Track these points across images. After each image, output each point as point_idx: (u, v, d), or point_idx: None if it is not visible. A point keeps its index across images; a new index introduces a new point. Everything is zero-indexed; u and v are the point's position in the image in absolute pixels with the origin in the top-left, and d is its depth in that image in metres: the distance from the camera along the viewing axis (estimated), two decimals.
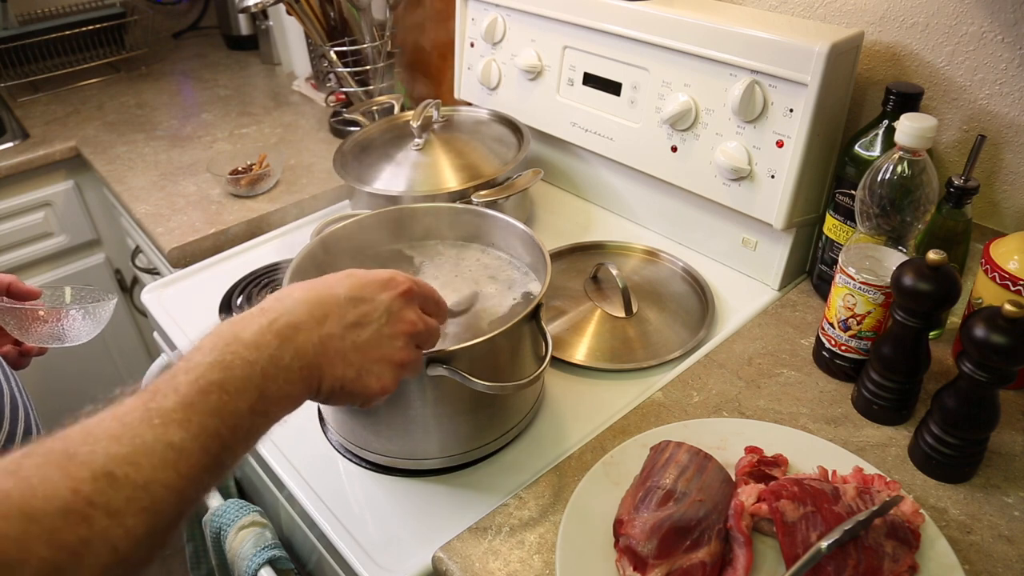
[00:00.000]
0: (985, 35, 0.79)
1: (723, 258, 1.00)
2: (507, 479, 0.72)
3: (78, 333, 0.73)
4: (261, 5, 1.34)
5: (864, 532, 0.58)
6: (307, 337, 0.48)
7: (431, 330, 0.57)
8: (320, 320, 0.49)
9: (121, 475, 0.37)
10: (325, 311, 0.50)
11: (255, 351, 0.45)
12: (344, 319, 0.51)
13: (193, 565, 0.98)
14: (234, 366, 0.44)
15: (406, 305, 0.55)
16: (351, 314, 0.51)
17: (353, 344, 0.51)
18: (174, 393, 0.41)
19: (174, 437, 0.40)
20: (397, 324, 0.54)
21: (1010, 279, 0.72)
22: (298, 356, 0.47)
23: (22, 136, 1.54)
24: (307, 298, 0.50)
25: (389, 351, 0.53)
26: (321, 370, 0.49)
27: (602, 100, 1.04)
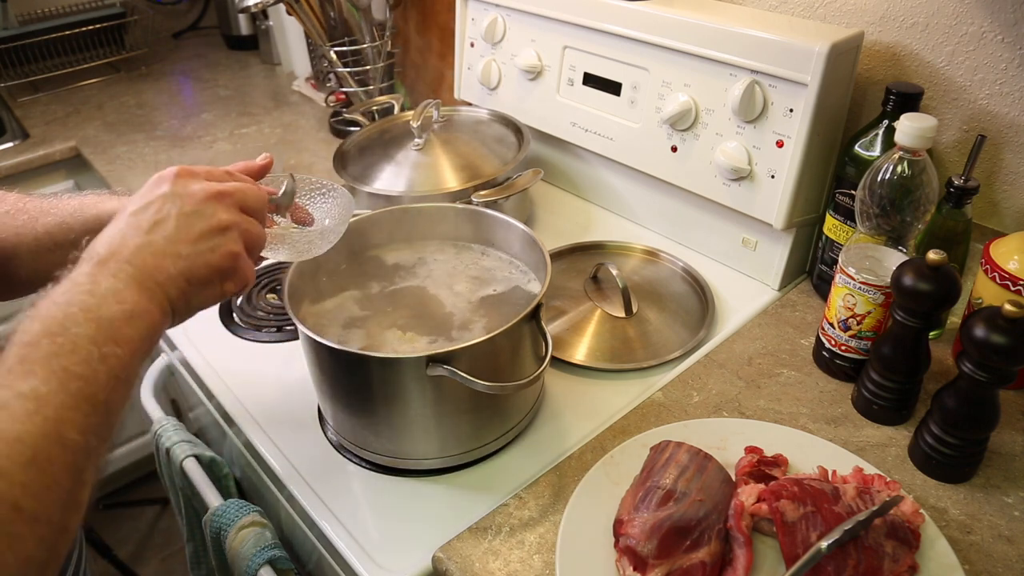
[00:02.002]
0: (985, 35, 0.79)
1: (723, 258, 1.00)
2: (507, 479, 0.72)
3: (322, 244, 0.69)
4: (261, 5, 1.34)
5: (864, 532, 0.58)
6: (117, 259, 0.47)
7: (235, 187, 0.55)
8: (120, 242, 0.49)
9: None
10: (122, 234, 0.49)
11: (66, 295, 0.44)
12: (141, 227, 0.50)
13: (193, 565, 0.98)
14: (49, 313, 0.43)
15: (188, 183, 0.53)
16: (144, 220, 0.50)
17: (165, 239, 0.50)
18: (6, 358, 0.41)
19: (24, 387, 0.39)
20: (190, 200, 0.52)
21: (1010, 279, 0.72)
22: (116, 277, 0.46)
23: (22, 136, 1.54)
24: (101, 237, 0.50)
25: (201, 223, 0.52)
26: (151, 277, 0.48)
27: (602, 100, 1.04)
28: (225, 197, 0.54)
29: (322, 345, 0.66)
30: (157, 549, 1.81)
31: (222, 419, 0.88)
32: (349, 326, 0.76)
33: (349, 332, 0.75)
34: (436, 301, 0.79)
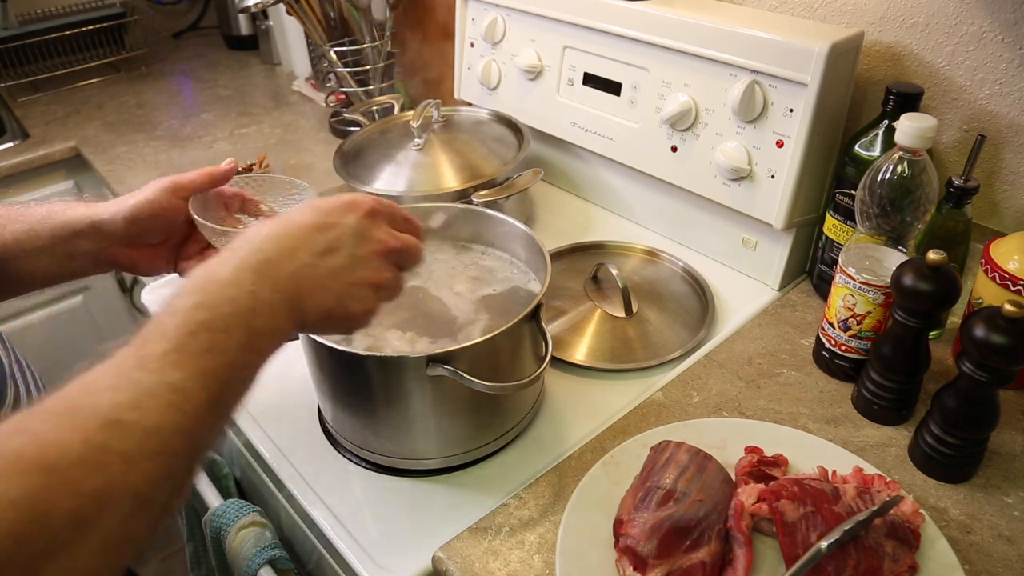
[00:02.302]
0: (985, 35, 0.79)
1: (723, 258, 1.00)
2: (507, 479, 0.72)
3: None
4: (261, 5, 1.34)
5: (864, 532, 0.58)
6: (280, 270, 0.48)
7: (407, 246, 0.56)
8: (291, 252, 0.49)
9: (129, 421, 0.38)
10: (294, 243, 0.50)
11: (234, 288, 0.45)
12: (314, 247, 0.50)
13: (193, 565, 0.98)
14: (217, 305, 0.44)
15: (373, 224, 0.54)
16: (320, 241, 0.51)
17: (328, 271, 0.50)
18: (163, 339, 0.42)
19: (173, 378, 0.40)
20: (368, 244, 0.53)
21: (1010, 279, 0.72)
22: (277, 289, 0.47)
23: (22, 136, 1.54)
24: (274, 233, 0.50)
25: (365, 273, 0.53)
26: (302, 301, 0.49)
27: (602, 100, 1.04)
28: (393, 255, 0.55)
29: (322, 345, 0.66)
30: (157, 549, 1.81)
31: None
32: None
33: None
34: (436, 301, 0.79)
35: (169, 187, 0.69)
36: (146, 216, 0.68)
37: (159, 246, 0.73)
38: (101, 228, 0.68)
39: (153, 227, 0.70)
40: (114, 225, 0.68)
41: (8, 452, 0.35)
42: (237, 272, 0.46)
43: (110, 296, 1.70)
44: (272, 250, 0.49)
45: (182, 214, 0.70)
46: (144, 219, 0.68)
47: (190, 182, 0.70)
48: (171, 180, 0.70)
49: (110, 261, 0.71)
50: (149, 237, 0.71)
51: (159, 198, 0.69)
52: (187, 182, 0.70)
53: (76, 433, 0.36)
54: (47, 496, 0.34)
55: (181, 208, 0.70)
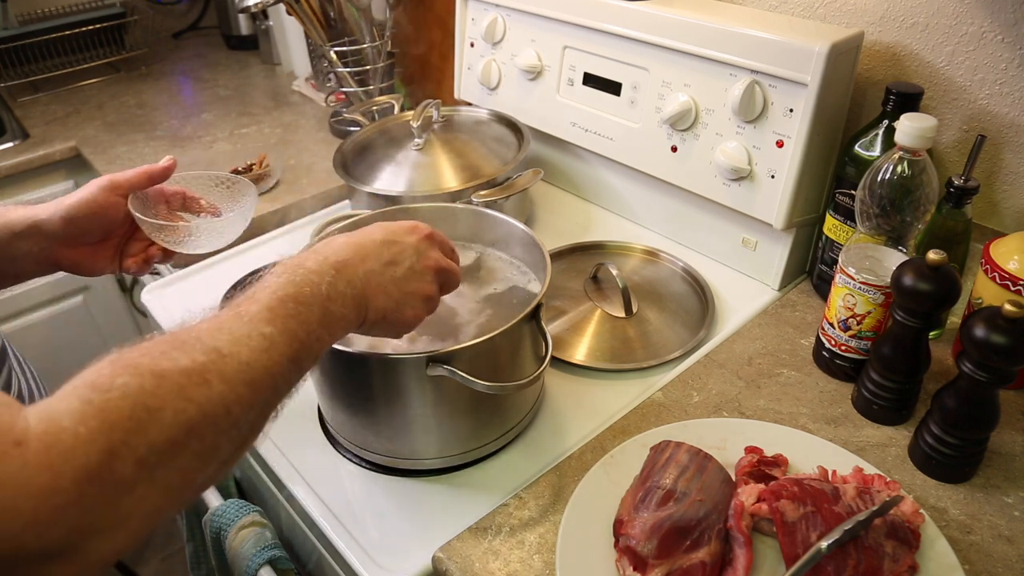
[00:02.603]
0: (985, 35, 0.79)
1: (723, 258, 1.00)
2: (507, 479, 0.72)
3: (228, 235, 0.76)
4: (261, 5, 1.34)
5: (864, 532, 0.58)
6: (354, 271, 0.56)
7: (453, 270, 0.65)
8: (363, 259, 0.57)
9: (228, 352, 0.44)
10: (366, 252, 0.58)
11: (318, 276, 0.53)
12: (381, 258, 0.59)
13: (193, 565, 0.98)
14: (303, 284, 0.51)
15: (430, 246, 0.63)
16: (387, 254, 0.59)
17: (391, 279, 0.59)
18: (256, 302, 0.49)
19: (265, 329, 0.47)
20: (425, 261, 0.61)
21: (1010, 279, 0.72)
22: (350, 285, 0.55)
23: (22, 136, 1.54)
24: (350, 242, 0.58)
25: (420, 285, 0.61)
26: (367, 300, 0.57)
27: (602, 100, 1.04)
28: (442, 274, 0.63)
29: None
30: (157, 549, 1.81)
31: None
32: None
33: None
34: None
35: (107, 185, 0.71)
36: (84, 215, 0.70)
37: (100, 245, 0.74)
38: (40, 228, 0.69)
39: (91, 225, 0.71)
40: (52, 225, 0.69)
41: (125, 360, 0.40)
42: (321, 265, 0.54)
43: (110, 296, 1.70)
44: (348, 254, 0.57)
45: (121, 212, 0.72)
46: (82, 218, 0.70)
47: (127, 180, 0.72)
48: (109, 178, 0.72)
49: (52, 261, 0.72)
50: (88, 236, 0.72)
51: (96, 196, 0.70)
52: (124, 180, 0.72)
53: (184, 354, 0.42)
54: (159, 394, 0.40)
55: (120, 205, 0.71)
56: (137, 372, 0.40)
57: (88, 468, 0.36)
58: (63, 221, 0.69)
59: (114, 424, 0.37)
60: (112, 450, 0.37)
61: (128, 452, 0.37)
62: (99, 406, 0.37)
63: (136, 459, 0.38)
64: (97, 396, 0.38)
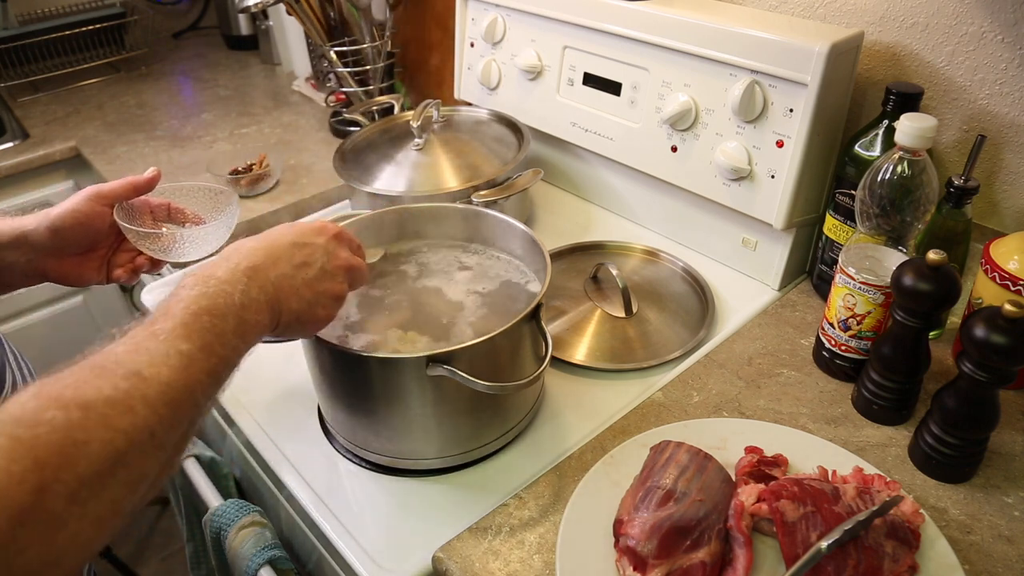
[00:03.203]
0: (985, 35, 0.79)
1: (723, 258, 1.00)
2: (507, 479, 0.72)
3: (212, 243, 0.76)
4: (261, 5, 1.34)
5: (864, 532, 0.58)
6: (266, 276, 0.56)
7: (361, 267, 0.65)
8: (274, 262, 0.58)
9: (149, 375, 0.44)
10: (276, 255, 0.58)
11: (230, 285, 0.53)
12: (293, 260, 0.59)
13: (193, 565, 0.98)
14: (216, 295, 0.52)
15: (339, 246, 0.64)
16: (297, 256, 0.60)
17: (303, 280, 0.59)
18: (171, 318, 0.49)
19: (182, 347, 0.47)
20: (335, 261, 0.62)
21: (1010, 279, 0.72)
22: (263, 291, 0.55)
23: (22, 136, 1.54)
24: (260, 246, 0.59)
25: (331, 285, 0.61)
26: (280, 303, 0.57)
27: (602, 100, 1.04)
28: (351, 272, 0.64)
29: (322, 345, 0.66)
30: (157, 549, 1.81)
31: (222, 419, 0.88)
32: (349, 326, 0.76)
33: (349, 332, 0.75)
34: (436, 301, 0.79)
35: (92, 195, 0.71)
36: (69, 225, 0.70)
37: (87, 255, 0.74)
38: (27, 239, 0.70)
39: (77, 236, 0.71)
40: (39, 236, 0.70)
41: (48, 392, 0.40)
42: (232, 273, 0.54)
43: (110, 296, 1.70)
44: (260, 259, 0.57)
45: (107, 222, 0.72)
46: (67, 228, 0.70)
47: (112, 190, 0.72)
48: (94, 189, 0.72)
49: (39, 272, 0.72)
50: (74, 246, 0.72)
51: (81, 207, 0.70)
52: (109, 190, 0.72)
53: (106, 381, 0.42)
54: (86, 427, 0.39)
55: (105, 216, 0.72)
56: (63, 405, 0.39)
57: (22, 507, 0.35)
58: (49, 232, 0.69)
59: (44, 461, 0.37)
60: (43, 487, 0.36)
61: (60, 488, 0.37)
62: (28, 443, 0.37)
63: (67, 494, 0.37)
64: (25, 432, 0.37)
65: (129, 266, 0.76)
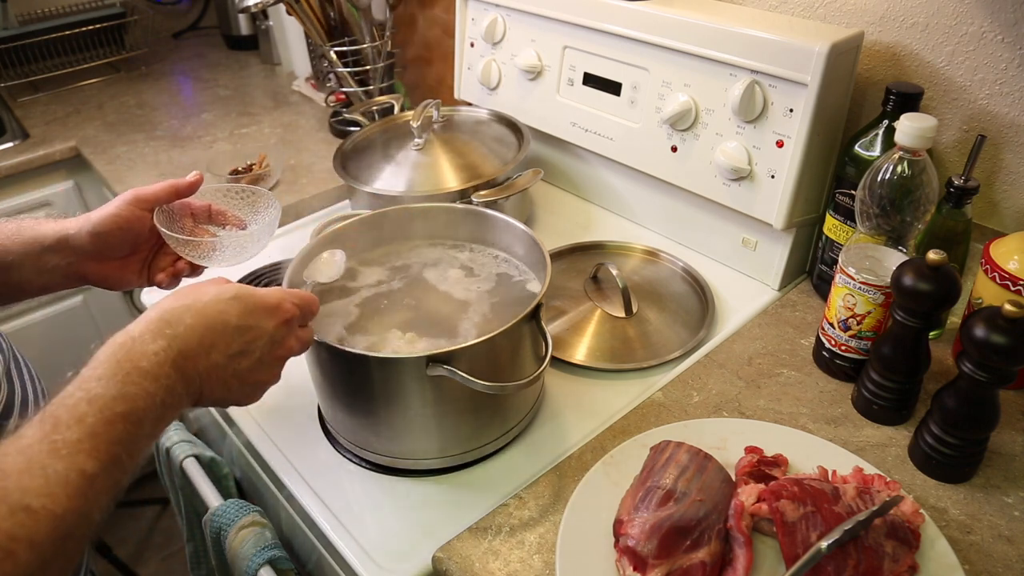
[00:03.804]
0: (985, 35, 0.79)
1: (723, 258, 1.00)
2: (507, 479, 0.72)
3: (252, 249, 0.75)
4: (261, 5, 1.34)
5: (864, 532, 0.58)
6: (195, 367, 0.52)
7: (306, 345, 0.62)
8: (208, 349, 0.53)
9: (38, 507, 0.39)
10: (213, 339, 0.53)
11: (154, 383, 0.48)
12: (230, 348, 0.54)
13: (193, 565, 0.98)
14: (137, 397, 0.47)
15: (289, 332, 0.59)
16: (237, 343, 0.55)
17: (234, 372, 0.55)
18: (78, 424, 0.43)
19: (86, 466, 0.42)
20: (277, 351, 0.58)
21: (1010, 279, 0.72)
22: (188, 384, 0.51)
23: (22, 136, 1.54)
24: (198, 325, 0.53)
25: (264, 376, 0.58)
26: (203, 392, 0.54)
27: (602, 100, 1.04)
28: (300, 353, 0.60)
29: (322, 345, 0.66)
30: (157, 549, 1.81)
31: (222, 419, 0.88)
32: (349, 326, 0.76)
33: (349, 332, 0.75)
34: (436, 301, 0.79)
35: (132, 200, 0.70)
36: (110, 229, 0.69)
37: (128, 259, 0.73)
38: (69, 242, 0.69)
39: (118, 240, 0.71)
40: (80, 239, 0.69)
41: None
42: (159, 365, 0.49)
43: (110, 296, 1.69)
44: (193, 343, 0.52)
45: (147, 226, 0.71)
46: (108, 232, 0.69)
47: (153, 194, 0.71)
48: (133, 193, 0.71)
49: (79, 275, 0.72)
50: (115, 251, 0.72)
51: (122, 211, 0.70)
52: (150, 194, 0.71)
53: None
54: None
55: (145, 220, 0.71)
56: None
57: None
58: (91, 236, 0.69)
59: None
60: None
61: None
62: None
63: None
64: None
65: (170, 270, 0.75)
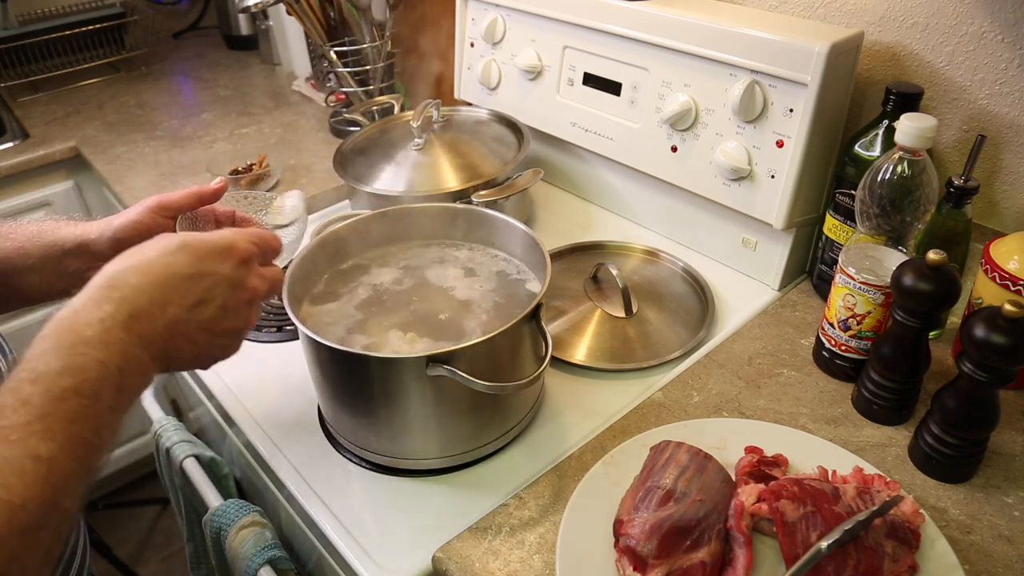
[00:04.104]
0: (985, 35, 0.79)
1: (723, 258, 1.00)
2: (507, 479, 0.72)
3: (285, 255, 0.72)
4: (261, 5, 1.34)
5: (864, 532, 0.58)
6: (152, 325, 0.47)
7: (275, 284, 0.57)
8: (162, 305, 0.48)
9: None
10: (165, 294, 0.49)
11: (104, 350, 0.44)
12: (186, 300, 0.50)
13: (193, 565, 0.98)
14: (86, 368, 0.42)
15: (248, 272, 0.54)
16: (193, 292, 0.50)
17: (198, 324, 0.50)
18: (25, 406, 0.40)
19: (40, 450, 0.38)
20: (240, 293, 0.53)
21: (1010, 279, 0.72)
22: (147, 345, 0.47)
23: (22, 136, 1.54)
24: (145, 283, 0.48)
25: (234, 322, 0.53)
26: (169, 354, 0.49)
27: (602, 100, 1.04)
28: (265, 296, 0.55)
29: (322, 345, 0.66)
30: (157, 549, 1.81)
31: (222, 419, 0.88)
32: (349, 326, 0.76)
33: (349, 332, 0.75)
34: (436, 301, 0.79)
35: (154, 206, 0.69)
36: (131, 236, 0.68)
37: None
38: (89, 247, 0.68)
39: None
40: (101, 244, 0.68)
41: None
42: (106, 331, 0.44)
43: None
44: (144, 303, 0.47)
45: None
46: (129, 239, 0.68)
47: (176, 201, 0.69)
48: (157, 199, 0.69)
49: None
50: None
51: (144, 218, 0.68)
52: (173, 201, 0.69)
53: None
54: None
55: (168, 227, 0.69)
56: None
57: None
58: (111, 241, 0.67)
59: None
60: None
61: None
62: None
63: None
64: None
65: None
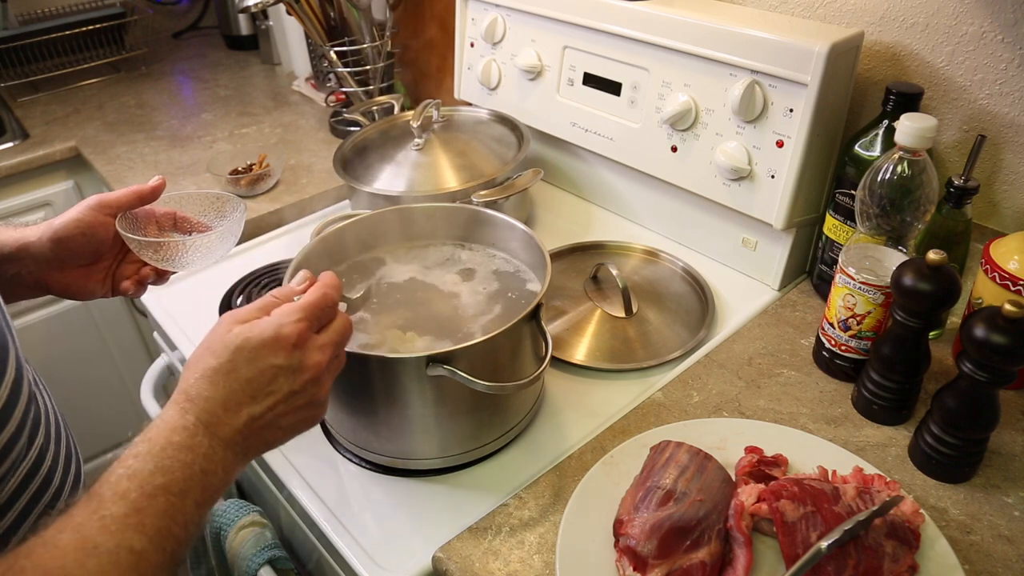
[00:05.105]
0: (985, 35, 0.79)
1: (723, 258, 1.00)
2: (507, 479, 0.72)
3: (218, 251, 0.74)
4: (261, 5, 1.34)
5: (864, 532, 0.58)
6: (230, 428, 0.51)
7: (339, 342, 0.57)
8: (235, 410, 0.51)
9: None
10: (237, 400, 0.51)
11: (190, 453, 0.48)
12: (256, 400, 0.52)
13: (193, 565, 0.98)
14: (174, 469, 0.47)
15: (304, 353, 0.54)
16: (258, 390, 0.52)
17: (273, 415, 0.53)
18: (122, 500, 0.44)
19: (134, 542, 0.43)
20: (302, 375, 0.54)
21: (1010, 279, 0.72)
22: (228, 446, 0.50)
23: (22, 136, 1.54)
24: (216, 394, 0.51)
25: (308, 398, 0.55)
26: (252, 446, 0.52)
27: (602, 100, 1.04)
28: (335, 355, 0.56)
29: None
30: None
31: None
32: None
33: None
34: (436, 301, 0.79)
35: (95, 205, 0.69)
36: (72, 235, 0.68)
37: (91, 267, 0.72)
38: (29, 250, 0.68)
39: (80, 247, 0.69)
40: (41, 247, 0.68)
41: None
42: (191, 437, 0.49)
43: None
44: (218, 411, 0.51)
45: (110, 232, 0.70)
46: (70, 238, 0.68)
47: (116, 199, 0.70)
48: (97, 198, 0.69)
49: (42, 285, 0.71)
50: (78, 258, 0.70)
51: (84, 216, 0.68)
52: (113, 200, 0.70)
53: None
54: None
55: (109, 225, 0.69)
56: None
57: None
58: (52, 243, 0.68)
59: None
60: None
61: None
62: None
63: None
64: None
65: (135, 278, 0.74)
